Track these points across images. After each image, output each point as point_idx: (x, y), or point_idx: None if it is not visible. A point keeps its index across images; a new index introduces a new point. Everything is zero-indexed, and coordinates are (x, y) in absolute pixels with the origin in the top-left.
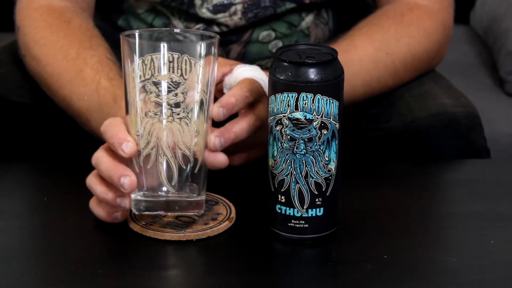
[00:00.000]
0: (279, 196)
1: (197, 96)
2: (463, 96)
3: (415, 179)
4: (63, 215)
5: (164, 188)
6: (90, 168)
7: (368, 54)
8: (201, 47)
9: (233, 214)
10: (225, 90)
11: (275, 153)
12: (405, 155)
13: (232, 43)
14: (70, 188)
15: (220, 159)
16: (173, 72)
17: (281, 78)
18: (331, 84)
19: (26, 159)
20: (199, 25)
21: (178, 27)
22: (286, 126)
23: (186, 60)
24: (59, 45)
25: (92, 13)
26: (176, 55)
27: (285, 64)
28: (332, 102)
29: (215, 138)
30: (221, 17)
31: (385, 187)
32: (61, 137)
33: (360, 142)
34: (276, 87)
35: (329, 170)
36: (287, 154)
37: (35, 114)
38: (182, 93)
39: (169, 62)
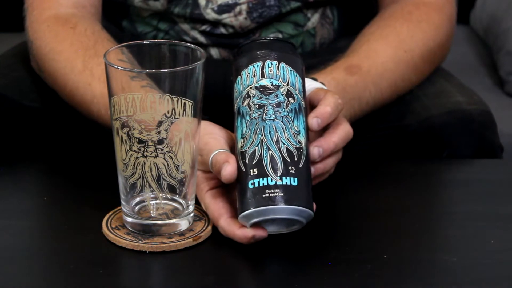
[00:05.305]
0: (251, 171)
1: (182, 129)
2: (475, 94)
3: (415, 179)
4: (63, 215)
5: (152, 214)
6: (90, 168)
7: (389, 55)
8: (182, 83)
9: (204, 234)
10: None
11: (244, 130)
12: (419, 153)
13: None
14: (70, 188)
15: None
16: (155, 111)
17: (245, 55)
18: (292, 57)
19: (27, 159)
20: (205, 27)
21: (184, 29)
22: (254, 96)
23: (168, 99)
24: (64, 57)
25: (100, 17)
26: (157, 96)
27: (247, 45)
28: (296, 76)
29: (314, 148)
30: (226, 17)
31: (385, 187)
32: (69, 142)
33: (374, 139)
34: (240, 66)
35: (299, 142)
36: (256, 123)
37: (45, 119)
38: (165, 130)
39: (151, 102)
